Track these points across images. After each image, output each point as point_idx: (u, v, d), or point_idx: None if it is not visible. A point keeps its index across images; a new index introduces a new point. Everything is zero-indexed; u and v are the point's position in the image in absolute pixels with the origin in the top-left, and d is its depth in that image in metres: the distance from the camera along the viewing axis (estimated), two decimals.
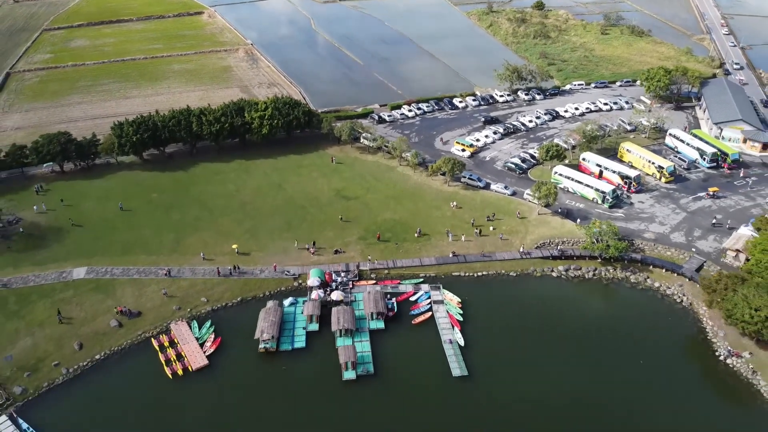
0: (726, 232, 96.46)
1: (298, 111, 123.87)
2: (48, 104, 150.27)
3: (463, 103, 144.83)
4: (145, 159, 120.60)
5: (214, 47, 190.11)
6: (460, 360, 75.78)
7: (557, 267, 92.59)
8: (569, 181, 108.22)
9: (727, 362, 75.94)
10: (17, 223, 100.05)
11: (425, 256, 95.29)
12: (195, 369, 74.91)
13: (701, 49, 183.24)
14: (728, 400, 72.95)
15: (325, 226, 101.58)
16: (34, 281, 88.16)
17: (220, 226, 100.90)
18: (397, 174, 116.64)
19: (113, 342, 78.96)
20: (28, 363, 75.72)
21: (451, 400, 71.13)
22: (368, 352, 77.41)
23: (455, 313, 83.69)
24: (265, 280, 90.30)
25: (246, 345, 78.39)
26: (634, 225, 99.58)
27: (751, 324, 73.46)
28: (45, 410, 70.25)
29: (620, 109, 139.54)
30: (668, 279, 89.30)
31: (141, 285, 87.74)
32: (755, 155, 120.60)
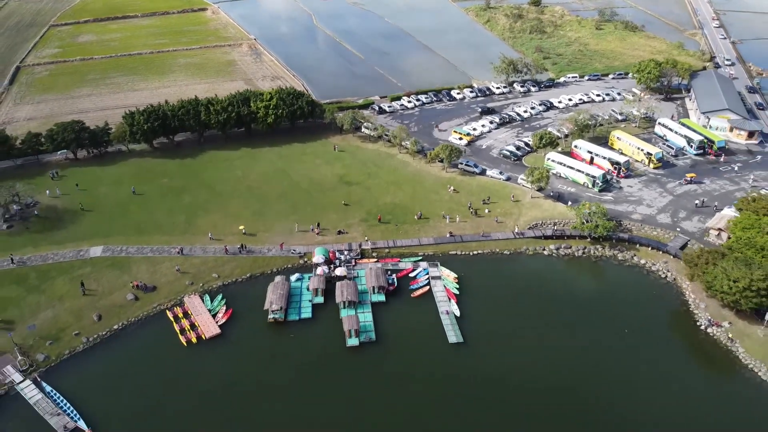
0: (710, 213, 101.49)
1: (301, 101, 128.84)
2: (58, 96, 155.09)
3: (461, 94, 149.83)
4: (155, 147, 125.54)
5: (218, 42, 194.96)
6: (456, 328, 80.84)
7: (548, 246, 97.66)
8: (561, 167, 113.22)
9: (707, 331, 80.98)
10: (35, 206, 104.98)
11: (424, 237, 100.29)
12: (208, 337, 79.86)
13: (693, 44, 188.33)
14: (708, 366, 77.94)
15: (329, 209, 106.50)
16: (53, 259, 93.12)
17: (228, 209, 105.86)
18: (396, 161, 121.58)
19: (130, 314, 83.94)
20: (49, 333, 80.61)
21: (447, 363, 76.16)
22: (370, 321, 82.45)
23: (452, 287, 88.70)
24: (272, 258, 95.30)
25: (256, 316, 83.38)
26: (622, 207, 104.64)
27: (729, 294, 78.48)
28: (67, 375, 75.10)
29: (612, 100, 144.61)
30: (654, 257, 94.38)
31: (155, 262, 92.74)
32: (741, 143, 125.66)
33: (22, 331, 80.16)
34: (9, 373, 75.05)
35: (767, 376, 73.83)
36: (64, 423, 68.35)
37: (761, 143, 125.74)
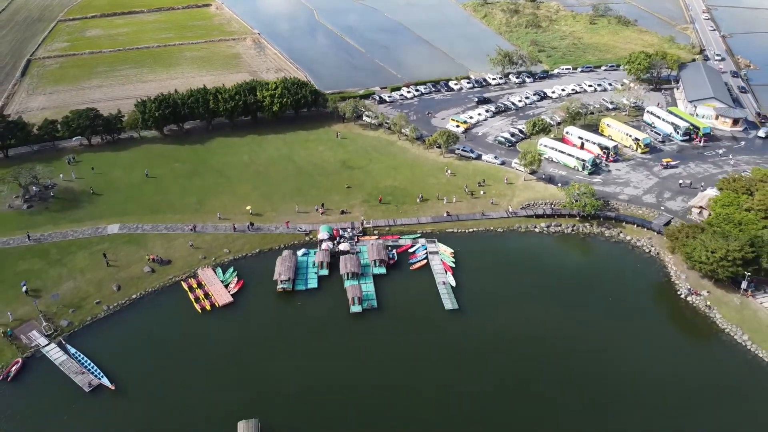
0: (693, 194, 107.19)
1: (305, 90, 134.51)
2: (70, 87, 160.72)
3: (458, 85, 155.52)
4: (165, 134, 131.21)
5: (222, 36, 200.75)
6: (452, 296, 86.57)
7: (540, 224, 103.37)
8: (553, 151, 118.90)
9: (687, 300, 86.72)
10: (53, 187, 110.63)
11: (422, 216, 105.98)
12: (221, 305, 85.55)
13: (685, 38, 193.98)
14: (688, 331, 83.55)
15: (332, 191, 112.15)
16: (73, 236, 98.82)
17: (236, 191, 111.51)
18: (396, 147, 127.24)
19: (147, 284, 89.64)
20: (72, 301, 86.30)
21: (444, 328, 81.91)
22: (372, 291, 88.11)
23: (448, 260, 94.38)
24: (279, 235, 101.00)
25: (265, 286, 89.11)
26: (610, 188, 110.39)
27: (707, 264, 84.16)
28: (89, 339, 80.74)
29: (603, 90, 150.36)
30: (639, 233, 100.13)
31: (169, 239, 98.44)
32: (726, 130, 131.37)
33: (46, 299, 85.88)
34: (35, 337, 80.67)
35: (742, 339, 79.47)
36: (89, 380, 73.97)
37: (745, 130, 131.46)
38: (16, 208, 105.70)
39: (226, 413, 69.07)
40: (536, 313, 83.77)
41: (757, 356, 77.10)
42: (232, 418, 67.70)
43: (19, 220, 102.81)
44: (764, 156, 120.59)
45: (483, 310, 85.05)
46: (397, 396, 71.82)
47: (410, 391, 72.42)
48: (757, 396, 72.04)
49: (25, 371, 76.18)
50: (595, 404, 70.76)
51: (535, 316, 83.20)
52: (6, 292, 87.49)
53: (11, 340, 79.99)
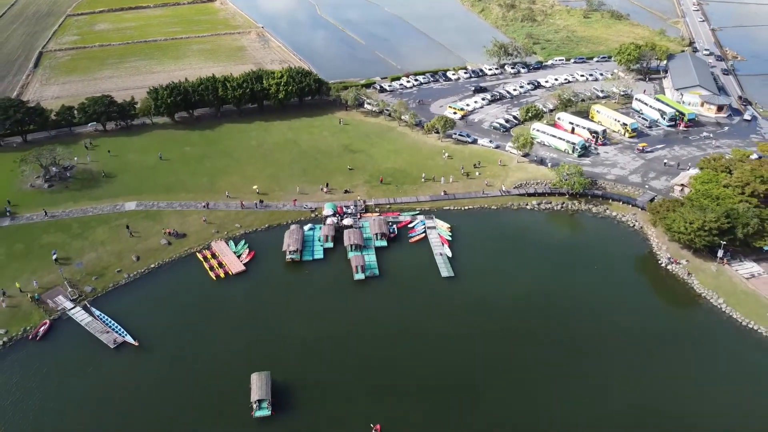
0: (677, 173, 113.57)
1: (309, 79, 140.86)
2: (81, 78, 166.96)
3: (456, 75, 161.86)
4: (176, 120, 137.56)
5: (228, 30, 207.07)
6: (448, 265, 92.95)
7: (531, 202, 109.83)
8: (545, 135, 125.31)
9: (667, 268, 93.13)
10: (72, 168, 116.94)
11: (421, 195, 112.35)
12: (234, 273, 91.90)
13: (676, 31, 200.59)
14: (668, 296, 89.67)
15: (336, 172, 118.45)
16: (92, 212, 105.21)
17: (245, 172, 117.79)
18: (396, 133, 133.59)
19: (165, 255, 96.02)
20: (94, 270, 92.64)
21: (440, 293, 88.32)
22: (374, 261, 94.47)
23: (445, 234, 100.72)
24: (287, 212, 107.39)
25: (275, 257, 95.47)
26: (598, 169, 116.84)
27: (685, 234, 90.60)
28: (112, 303, 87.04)
29: (595, 80, 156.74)
30: (624, 210, 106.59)
31: (183, 215, 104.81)
32: (711, 116, 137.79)
33: (70, 268, 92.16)
34: (61, 302, 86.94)
35: (717, 303, 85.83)
36: (113, 338, 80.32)
37: (729, 116, 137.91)
38: (37, 187, 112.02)
39: (240, 366, 75.29)
40: (525, 279, 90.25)
41: (731, 317, 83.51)
42: (245, 371, 73.86)
43: (40, 198, 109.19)
44: (746, 140, 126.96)
45: (477, 277, 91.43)
46: (397, 348, 78.31)
47: (408, 344, 79.00)
48: (730, 350, 78.46)
49: (52, 332, 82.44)
50: (578, 353, 77.16)
51: (524, 282, 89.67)
52: (31, 262, 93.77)
53: (39, 304, 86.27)
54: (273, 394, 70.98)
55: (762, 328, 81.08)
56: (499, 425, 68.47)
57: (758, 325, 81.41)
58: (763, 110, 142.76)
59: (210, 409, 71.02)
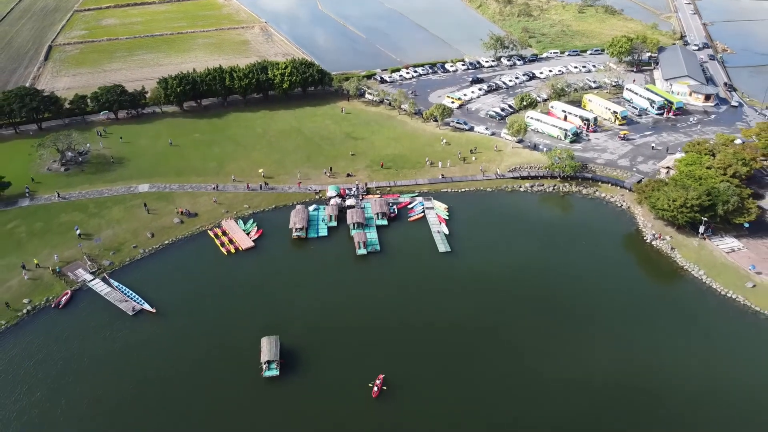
0: (664, 158, 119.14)
1: (312, 70, 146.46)
2: (91, 70, 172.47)
3: (454, 67, 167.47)
4: (184, 109, 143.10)
5: (232, 25, 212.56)
6: (445, 242, 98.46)
7: (524, 184, 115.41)
8: (539, 122, 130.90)
9: (652, 243, 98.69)
10: (86, 153, 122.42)
11: (420, 178, 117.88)
12: (244, 249, 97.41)
13: (668, 26, 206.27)
14: (652, 269, 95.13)
15: (338, 158, 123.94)
16: (108, 193, 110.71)
17: (252, 158, 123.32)
18: (396, 121, 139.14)
19: (178, 232, 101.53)
20: (111, 245, 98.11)
21: (438, 266, 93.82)
22: (375, 238, 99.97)
23: (443, 214, 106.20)
24: (292, 193, 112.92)
25: (282, 234, 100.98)
26: (589, 154, 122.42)
27: (668, 211, 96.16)
28: (129, 275, 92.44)
29: (588, 72, 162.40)
30: (612, 191, 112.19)
31: (194, 196, 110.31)
32: (699, 105, 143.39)
33: (89, 244, 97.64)
34: (81, 274, 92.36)
35: (699, 274, 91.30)
36: (132, 306, 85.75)
37: (717, 105, 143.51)
38: (54, 170, 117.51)
39: (251, 331, 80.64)
40: (517, 254, 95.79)
41: (711, 287, 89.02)
42: (255, 335, 79.24)
43: (57, 180, 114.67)
44: (731, 127, 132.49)
45: (472, 252, 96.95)
46: (396, 315, 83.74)
47: (407, 310, 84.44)
48: (709, 317, 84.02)
49: (74, 301, 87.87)
50: (565, 319, 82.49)
51: (516, 256, 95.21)
52: (51, 239, 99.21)
53: (60, 276, 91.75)
54: (281, 356, 76.25)
55: (740, 297, 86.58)
56: (490, 381, 73.82)
57: (736, 295, 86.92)
58: (750, 99, 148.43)
59: (223, 370, 76.25)
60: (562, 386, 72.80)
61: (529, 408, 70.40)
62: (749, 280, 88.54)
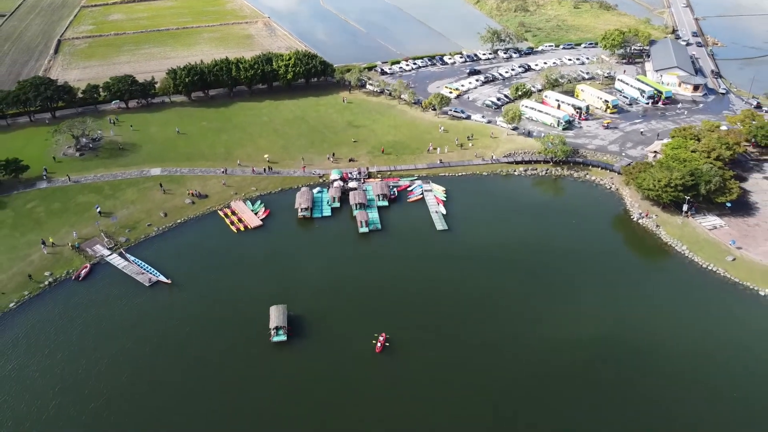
0: (652, 143, 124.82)
1: (315, 61, 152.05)
2: (100, 62, 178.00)
3: (452, 59, 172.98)
4: (192, 99, 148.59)
5: (236, 20, 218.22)
6: (443, 221, 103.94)
7: (518, 168, 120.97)
8: (533, 111, 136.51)
9: (639, 222, 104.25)
10: (100, 140, 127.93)
11: (419, 163, 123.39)
12: (252, 227, 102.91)
13: (661, 21, 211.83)
14: (638, 244, 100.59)
15: (341, 144, 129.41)
16: (122, 176, 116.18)
17: (258, 144, 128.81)
18: (396, 110, 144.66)
19: (189, 212, 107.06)
20: (127, 224, 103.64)
21: (436, 242, 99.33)
22: (377, 217, 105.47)
23: (441, 196, 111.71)
24: (297, 177, 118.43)
25: (288, 214, 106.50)
26: (580, 140, 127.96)
27: (653, 190, 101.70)
28: (145, 251, 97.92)
29: (581, 64, 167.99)
30: (602, 174, 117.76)
31: (204, 179, 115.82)
32: (687, 95, 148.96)
33: (105, 221, 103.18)
34: (98, 250, 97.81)
35: (682, 249, 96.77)
36: (148, 278, 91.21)
37: (705, 95, 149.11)
38: (69, 155, 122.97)
39: (259, 301, 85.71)
40: (511, 231, 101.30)
41: (693, 261, 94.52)
42: (264, 304, 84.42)
43: (72, 164, 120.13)
44: (718, 115, 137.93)
45: (468, 230, 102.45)
46: (397, 285, 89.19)
47: (407, 281, 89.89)
48: (691, 286, 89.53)
49: (92, 274, 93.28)
50: (555, 288, 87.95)
51: (510, 233, 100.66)
52: (69, 218, 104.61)
53: (79, 252, 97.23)
54: (288, 323, 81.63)
55: (720, 269, 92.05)
56: (482, 341, 79.22)
57: (717, 267, 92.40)
58: (737, 90, 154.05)
59: (234, 336, 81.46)
60: (551, 345, 78.17)
61: (518, 365, 75.76)
62: (729, 254, 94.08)
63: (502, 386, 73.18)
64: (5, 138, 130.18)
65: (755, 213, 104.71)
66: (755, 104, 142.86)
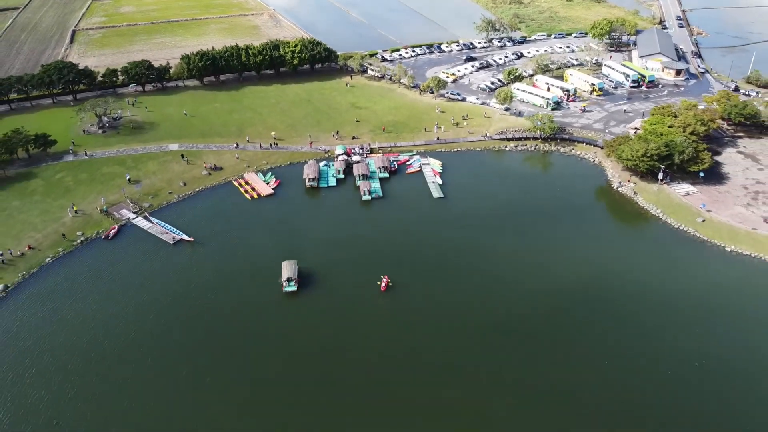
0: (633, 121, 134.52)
1: (320, 48, 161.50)
2: (115, 51, 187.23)
3: (449, 48, 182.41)
4: (204, 83, 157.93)
5: (242, 12, 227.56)
6: (439, 190, 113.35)
7: (510, 144, 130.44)
8: (524, 93, 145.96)
9: (618, 189, 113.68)
10: (120, 119, 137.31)
11: (417, 140, 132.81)
12: (264, 195, 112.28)
13: (649, 12, 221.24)
14: (617, 209, 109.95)
15: (345, 124, 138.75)
16: (142, 151, 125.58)
17: (267, 123, 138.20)
18: (396, 93, 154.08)
19: (206, 182, 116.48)
20: (149, 191, 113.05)
21: (432, 208, 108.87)
22: (378, 186, 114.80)
23: (437, 168, 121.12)
24: (304, 152, 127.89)
25: (297, 184, 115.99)
26: (567, 119, 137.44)
27: (631, 160, 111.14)
28: (167, 214, 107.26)
29: (571, 52, 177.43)
30: (587, 149, 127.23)
31: (219, 153, 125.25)
32: (670, 79, 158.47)
33: (130, 189, 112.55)
34: (125, 214, 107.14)
35: (656, 213, 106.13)
36: (172, 237, 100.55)
37: (687, 79, 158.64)
38: (92, 132, 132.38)
39: (273, 256, 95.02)
40: (501, 198, 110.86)
41: (667, 222, 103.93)
42: (277, 260, 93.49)
43: (95, 140, 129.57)
44: (698, 97, 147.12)
45: (463, 197, 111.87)
46: (397, 244, 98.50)
47: (406, 241, 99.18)
48: (663, 243, 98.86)
49: (120, 234, 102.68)
50: (538, 242, 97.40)
51: (499, 200, 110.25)
52: (96, 186, 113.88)
53: (107, 215, 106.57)
54: (298, 276, 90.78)
55: (691, 229, 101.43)
56: (474, 285, 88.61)
57: (688, 227, 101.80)
58: (717, 75, 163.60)
59: (249, 287, 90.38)
60: (535, 290, 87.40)
61: (505, 304, 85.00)
62: (699, 216, 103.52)
63: (490, 317, 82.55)
64: (31, 118, 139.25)
65: (726, 182, 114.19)
66: (733, 87, 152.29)
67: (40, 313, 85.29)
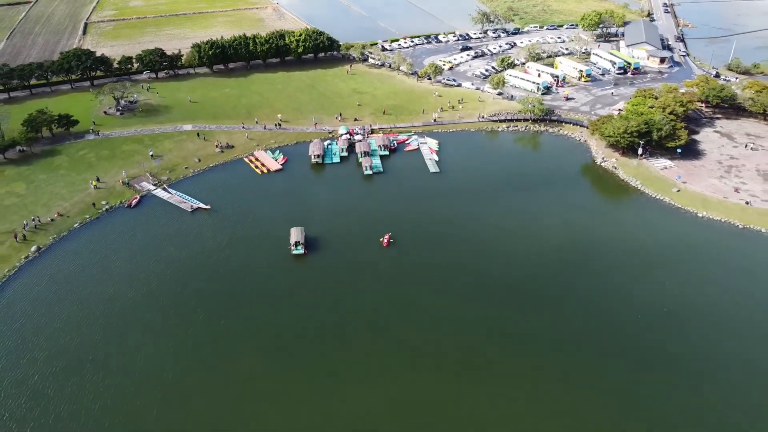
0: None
1: (323, 37, 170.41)
2: (127, 42, 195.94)
3: (446, 38, 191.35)
4: (214, 71, 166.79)
5: (247, 6, 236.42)
6: (435, 165, 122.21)
7: (502, 125, 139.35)
8: (516, 79, 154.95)
9: (601, 165, 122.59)
10: (136, 102, 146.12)
11: (416, 122, 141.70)
12: (273, 170, 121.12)
13: (638, 5, 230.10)
14: (600, 182, 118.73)
15: (347, 107, 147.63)
16: (158, 131, 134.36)
17: (274, 107, 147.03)
18: (396, 80, 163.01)
19: (219, 159, 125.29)
20: (167, 167, 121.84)
21: (429, 181, 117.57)
22: (379, 163, 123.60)
23: (434, 146, 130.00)
24: (309, 132, 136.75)
25: (303, 161, 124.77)
26: (556, 103, 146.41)
27: (613, 137, 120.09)
28: (185, 186, 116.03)
29: (562, 42, 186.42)
30: (574, 129, 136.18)
31: (230, 133, 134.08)
32: (654, 67, 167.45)
33: (149, 163, 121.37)
34: (145, 186, 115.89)
35: (636, 184, 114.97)
36: (190, 205, 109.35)
37: (670, 67, 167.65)
38: (111, 114, 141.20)
39: (282, 223, 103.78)
40: (493, 173, 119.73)
41: (645, 192, 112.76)
42: (286, 226, 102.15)
43: (114, 121, 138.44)
44: (680, 83, 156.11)
45: (457, 172, 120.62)
46: (396, 213, 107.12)
47: (404, 211, 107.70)
48: (641, 210, 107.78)
49: (142, 203, 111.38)
50: (525, 210, 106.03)
51: (492, 174, 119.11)
52: (117, 162, 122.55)
53: (129, 187, 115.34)
54: (305, 241, 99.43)
55: (666, 198, 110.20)
56: (467, 242, 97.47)
57: (664, 197, 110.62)
58: (700, 63, 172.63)
59: (260, 250, 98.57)
60: (525, 250, 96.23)
61: (495, 262, 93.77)
62: (675, 187, 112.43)
63: (481, 273, 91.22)
64: (51, 101, 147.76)
65: (701, 157, 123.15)
66: (714, 74, 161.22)
67: (70, 269, 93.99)
